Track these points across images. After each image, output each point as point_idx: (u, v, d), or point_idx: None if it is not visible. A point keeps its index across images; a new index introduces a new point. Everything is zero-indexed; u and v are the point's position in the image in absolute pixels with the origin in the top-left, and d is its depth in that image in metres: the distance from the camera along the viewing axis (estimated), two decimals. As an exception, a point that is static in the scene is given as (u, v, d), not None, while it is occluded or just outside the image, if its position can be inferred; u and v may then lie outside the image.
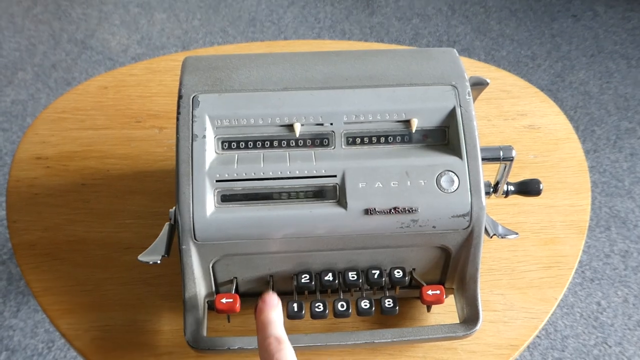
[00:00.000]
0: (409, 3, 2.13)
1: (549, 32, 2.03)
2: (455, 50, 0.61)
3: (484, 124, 0.81)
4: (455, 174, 0.54)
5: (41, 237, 0.69)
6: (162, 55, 0.95)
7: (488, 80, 0.60)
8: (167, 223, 0.58)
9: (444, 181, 0.54)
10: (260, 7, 2.11)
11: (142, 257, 0.55)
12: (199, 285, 0.57)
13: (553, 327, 1.31)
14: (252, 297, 0.59)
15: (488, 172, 0.60)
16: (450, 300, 0.61)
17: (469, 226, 0.55)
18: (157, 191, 0.73)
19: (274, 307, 0.52)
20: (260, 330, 0.50)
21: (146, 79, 0.88)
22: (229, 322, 0.60)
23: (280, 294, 0.58)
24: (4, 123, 1.68)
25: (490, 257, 0.68)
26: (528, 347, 1.28)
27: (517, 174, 0.76)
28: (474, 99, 0.60)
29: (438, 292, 0.57)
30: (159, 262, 0.55)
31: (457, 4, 2.14)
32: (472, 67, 0.90)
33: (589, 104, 1.79)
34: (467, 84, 0.57)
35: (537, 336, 1.30)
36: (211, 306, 0.59)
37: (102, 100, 0.84)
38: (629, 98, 1.81)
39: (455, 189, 0.54)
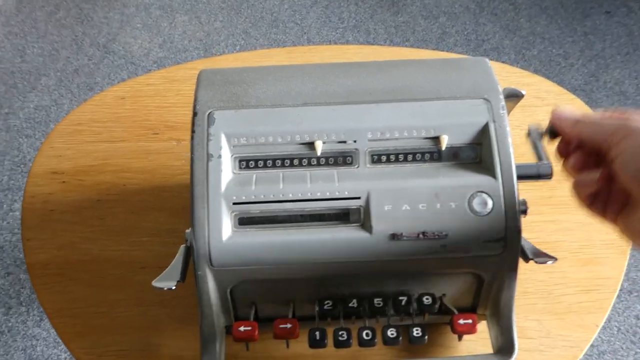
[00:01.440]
0: (435, 1, 2.08)
1: (581, 29, 1.96)
2: (487, 59, 0.57)
3: (517, 134, 0.77)
4: (489, 195, 0.50)
5: (55, 255, 0.67)
6: (183, 63, 0.92)
7: (524, 92, 0.56)
8: (183, 245, 0.55)
9: (476, 203, 0.50)
10: (283, 7, 2.08)
11: (156, 283, 0.52)
12: (216, 312, 0.54)
13: (588, 340, 1.26)
14: (272, 321, 0.56)
15: (522, 187, 0.56)
16: (482, 326, 0.57)
17: (503, 252, 0.51)
18: (174, 207, 0.71)
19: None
20: None
21: (164, 88, 0.85)
22: (247, 349, 0.57)
23: (302, 319, 0.55)
24: (27, 129, 1.67)
25: (525, 279, 0.64)
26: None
27: (553, 187, 0.71)
28: (509, 112, 0.56)
29: (470, 321, 0.53)
30: (173, 288, 0.52)
31: (485, 1, 2.08)
32: (503, 73, 0.85)
33: (625, 105, 1.72)
34: (501, 96, 0.53)
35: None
36: (229, 331, 0.56)
37: (119, 111, 0.82)
38: (666, 98, 1.74)
39: (488, 211, 0.50)
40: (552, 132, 0.52)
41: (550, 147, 0.54)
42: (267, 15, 2.05)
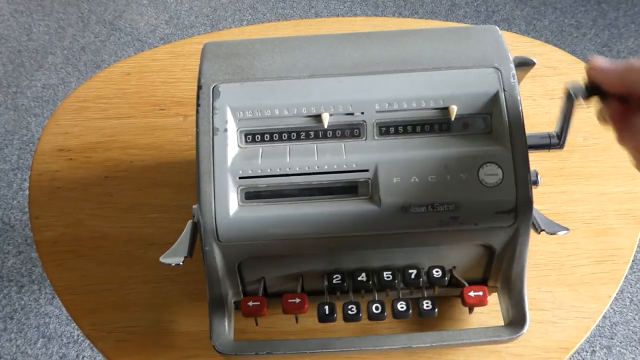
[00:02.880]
0: (444, -28, 2.04)
1: (594, -2, 1.92)
2: (497, 27, 0.55)
3: (529, 104, 0.76)
4: (499, 165, 0.49)
5: (64, 233, 0.67)
6: (189, 38, 0.91)
7: (535, 60, 0.55)
8: (190, 221, 0.54)
9: (486, 174, 0.49)
10: (290, -19, 2.05)
11: (163, 259, 0.52)
12: (224, 287, 0.54)
13: (601, 312, 1.25)
14: (281, 297, 0.55)
15: (534, 158, 0.55)
16: (493, 299, 0.57)
17: (514, 223, 0.50)
18: (182, 183, 0.70)
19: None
20: None
21: (170, 63, 0.84)
22: (256, 324, 0.57)
23: (311, 294, 0.54)
24: (35, 108, 1.67)
25: (536, 250, 0.63)
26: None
27: (565, 158, 0.70)
28: (519, 81, 0.54)
29: (481, 293, 0.53)
30: (181, 264, 0.52)
31: (495, -29, 2.04)
32: (514, 43, 0.84)
33: None
34: (512, 65, 0.52)
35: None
36: (239, 306, 0.56)
37: (125, 87, 0.81)
38: (681, 67, 1.70)
39: (499, 182, 0.49)
40: (590, 90, 0.47)
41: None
42: (274, -10, 2.03)
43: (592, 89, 0.47)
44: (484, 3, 1.93)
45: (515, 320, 0.53)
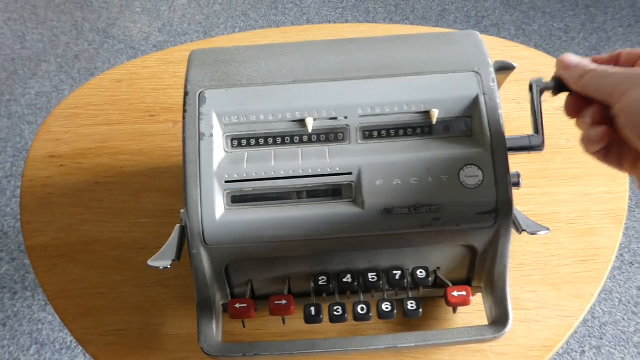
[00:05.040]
0: (435, -22, 2.06)
1: (582, 2, 1.94)
2: (477, 33, 0.56)
3: (513, 107, 0.77)
4: (480, 167, 0.51)
5: (55, 238, 0.68)
6: (180, 45, 0.92)
7: (515, 65, 0.56)
8: (178, 225, 0.55)
9: (467, 176, 0.50)
10: (282, -12, 2.07)
11: (151, 262, 0.53)
12: (212, 290, 0.55)
13: (590, 314, 1.26)
14: (268, 299, 0.56)
15: (516, 161, 0.56)
16: (478, 299, 0.58)
17: (495, 223, 0.51)
18: (171, 188, 0.71)
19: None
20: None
21: (160, 70, 0.85)
22: (244, 327, 0.58)
23: (298, 296, 0.55)
24: (29, 116, 1.68)
25: (520, 251, 0.64)
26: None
27: (549, 160, 0.71)
28: (500, 85, 0.56)
29: (464, 293, 0.54)
30: (169, 267, 0.52)
31: (485, -23, 2.06)
32: (499, 47, 0.85)
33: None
34: (491, 69, 0.53)
35: (574, 323, 1.26)
36: (226, 309, 0.57)
37: (116, 94, 0.82)
38: (669, 70, 1.72)
39: (479, 183, 0.50)
40: (557, 86, 0.49)
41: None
42: (267, -3, 2.04)
43: (560, 84, 0.49)
44: (474, 8, 1.95)
45: (499, 319, 0.54)
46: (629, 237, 1.38)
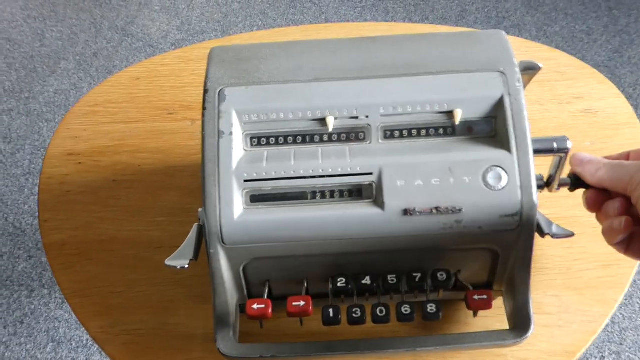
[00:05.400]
0: (454, -22, 2.05)
1: (605, 4, 1.91)
2: (503, 32, 0.55)
3: (536, 109, 0.76)
4: (504, 169, 0.50)
5: (72, 236, 0.67)
6: (199, 43, 0.92)
7: (540, 65, 0.55)
8: (196, 224, 0.55)
9: (490, 177, 0.49)
10: (301, -13, 2.06)
11: (169, 262, 0.52)
12: (229, 290, 0.54)
13: (611, 319, 1.24)
14: (286, 300, 0.56)
15: (540, 162, 0.55)
16: (499, 303, 0.57)
17: (518, 226, 0.50)
18: (189, 186, 0.71)
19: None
20: None
21: (179, 68, 0.85)
22: (261, 327, 0.57)
23: (316, 297, 0.55)
24: (47, 114, 1.69)
25: (543, 255, 0.63)
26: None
27: (572, 163, 0.70)
28: (525, 85, 0.55)
29: (485, 297, 0.53)
30: (186, 267, 0.52)
31: (505, -23, 2.04)
32: (522, 48, 0.84)
33: (650, 81, 1.68)
34: (517, 69, 0.52)
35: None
36: (243, 309, 0.57)
37: (134, 92, 0.82)
38: (694, 72, 1.70)
39: (503, 186, 0.49)
40: (574, 182, 0.52)
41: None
42: (285, -4, 2.04)
43: (577, 181, 0.52)
44: (495, 9, 1.93)
45: (520, 324, 0.53)
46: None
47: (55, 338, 1.27)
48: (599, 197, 0.49)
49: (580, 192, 0.66)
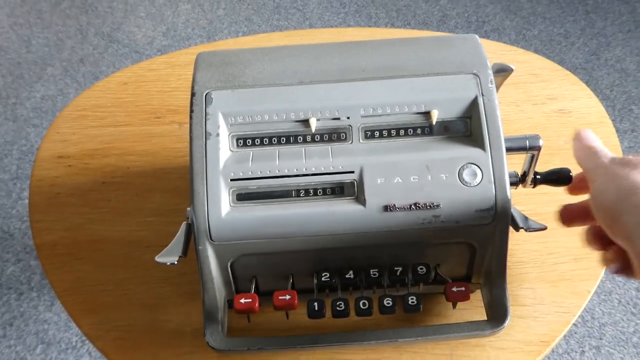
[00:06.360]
0: (436, -17, 2.08)
1: (582, 8, 1.96)
2: (476, 36, 0.58)
3: (512, 110, 0.78)
4: (478, 166, 0.52)
5: (63, 236, 0.69)
6: (185, 48, 0.94)
7: (512, 67, 0.57)
8: (185, 222, 0.56)
9: (466, 174, 0.52)
10: (285, -7, 2.09)
11: (159, 259, 0.54)
12: (217, 285, 0.56)
13: (590, 314, 1.27)
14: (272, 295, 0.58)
15: (515, 161, 0.58)
16: (477, 295, 0.59)
17: (493, 220, 0.52)
18: (177, 188, 0.73)
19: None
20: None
21: (166, 73, 0.87)
22: (249, 321, 0.59)
23: (301, 292, 0.57)
24: (34, 119, 1.70)
25: (519, 249, 0.65)
26: (564, 335, 1.25)
27: (547, 161, 0.72)
28: (498, 87, 0.57)
29: (463, 289, 0.55)
30: (176, 263, 0.54)
31: (486, -18, 2.08)
32: (498, 51, 0.87)
33: (625, 82, 1.72)
34: (490, 71, 0.55)
35: (574, 324, 1.27)
36: (231, 305, 0.58)
37: (122, 96, 0.84)
38: (668, 74, 1.75)
39: (478, 182, 0.52)
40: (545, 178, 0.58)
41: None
42: (269, 2, 2.06)
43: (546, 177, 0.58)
44: (475, 14, 1.97)
45: (497, 314, 0.55)
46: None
47: (45, 340, 1.28)
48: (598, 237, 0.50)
49: (555, 189, 0.69)
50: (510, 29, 1.90)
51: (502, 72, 0.57)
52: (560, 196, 0.69)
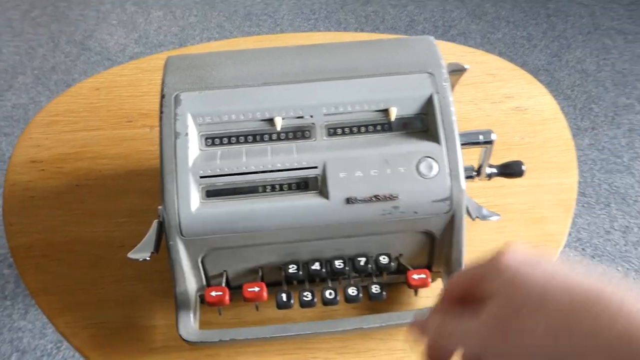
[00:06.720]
0: (403, -11, 2.13)
1: (544, 12, 2.02)
2: (431, 37, 0.61)
3: (471, 109, 0.82)
4: (434, 159, 0.55)
5: (37, 238, 0.70)
6: (154, 54, 0.96)
7: (466, 66, 0.61)
8: (156, 220, 0.59)
9: (423, 167, 0.55)
10: (256, 1, 2.11)
11: (131, 255, 0.56)
12: (189, 280, 0.58)
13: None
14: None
15: (474, 156, 0.61)
16: (438, 283, 0.62)
17: (450, 210, 0.55)
18: (149, 189, 0.75)
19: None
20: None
21: (137, 78, 0.89)
22: (220, 314, 0.61)
23: (270, 285, 0.59)
24: (5, 128, 1.70)
25: (478, 239, 0.68)
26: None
27: (505, 156, 0.75)
28: (453, 85, 0.60)
29: (423, 275, 0.58)
30: (148, 258, 0.56)
31: (451, -13, 2.13)
32: (459, 52, 0.90)
33: (586, 82, 1.78)
34: (444, 70, 0.58)
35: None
36: (203, 300, 0.61)
37: (94, 101, 0.86)
38: (626, 74, 1.80)
39: (434, 174, 0.55)
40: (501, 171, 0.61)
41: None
42: (241, 9, 2.09)
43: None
44: (441, 18, 2.01)
45: (456, 300, 0.58)
46: (590, 232, 1.44)
47: (20, 348, 1.28)
48: None
49: (511, 182, 0.73)
50: (476, 33, 1.95)
51: (457, 71, 0.61)
52: (517, 188, 0.73)
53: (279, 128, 0.56)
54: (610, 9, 2.02)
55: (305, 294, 0.57)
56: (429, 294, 0.63)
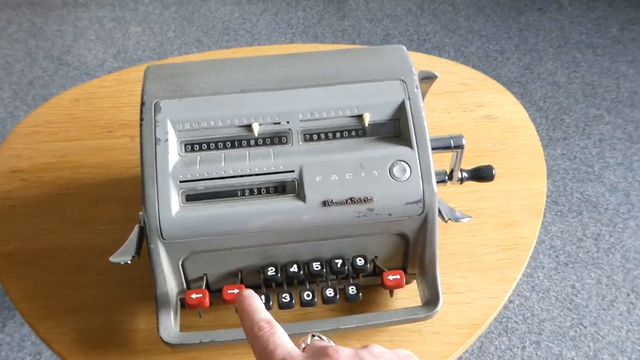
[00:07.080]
0: (379, 5, 2.17)
1: (516, 26, 2.07)
2: (404, 47, 0.63)
3: (444, 117, 0.85)
4: (407, 163, 0.57)
5: (19, 246, 0.71)
6: (134, 66, 0.97)
7: (437, 74, 0.63)
8: (137, 225, 0.60)
9: (396, 170, 0.57)
10: (234, 16, 2.14)
11: (113, 259, 0.58)
12: (169, 283, 0.59)
13: (530, 311, 1.34)
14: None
15: (447, 162, 0.63)
16: (413, 286, 0.64)
17: (422, 212, 0.57)
18: (130, 197, 0.76)
19: (253, 296, 0.47)
20: (246, 319, 0.45)
21: (117, 90, 0.90)
22: (200, 317, 0.63)
23: (249, 288, 0.60)
24: (-17, 142, 1.69)
25: (451, 242, 0.71)
26: (506, 332, 1.31)
27: (477, 163, 0.78)
28: (425, 92, 0.63)
29: (398, 276, 0.60)
30: (129, 262, 0.57)
31: (425, 3, 2.18)
32: (431, 63, 0.93)
33: (557, 94, 1.83)
34: (415, 77, 0.60)
35: (515, 321, 1.33)
36: (184, 304, 0.62)
37: (74, 112, 0.87)
38: (595, 86, 1.86)
39: (407, 177, 0.57)
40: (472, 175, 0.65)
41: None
42: (219, 24, 2.11)
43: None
44: (416, 32, 2.05)
45: (430, 299, 0.60)
46: (563, 240, 1.48)
47: (-2, 361, 1.27)
48: None
49: (483, 187, 0.75)
50: (450, 46, 2.00)
51: (428, 78, 0.63)
52: (488, 193, 0.75)
53: (256, 134, 0.58)
54: (578, 23, 2.08)
55: (283, 295, 0.59)
56: (405, 295, 0.65)
